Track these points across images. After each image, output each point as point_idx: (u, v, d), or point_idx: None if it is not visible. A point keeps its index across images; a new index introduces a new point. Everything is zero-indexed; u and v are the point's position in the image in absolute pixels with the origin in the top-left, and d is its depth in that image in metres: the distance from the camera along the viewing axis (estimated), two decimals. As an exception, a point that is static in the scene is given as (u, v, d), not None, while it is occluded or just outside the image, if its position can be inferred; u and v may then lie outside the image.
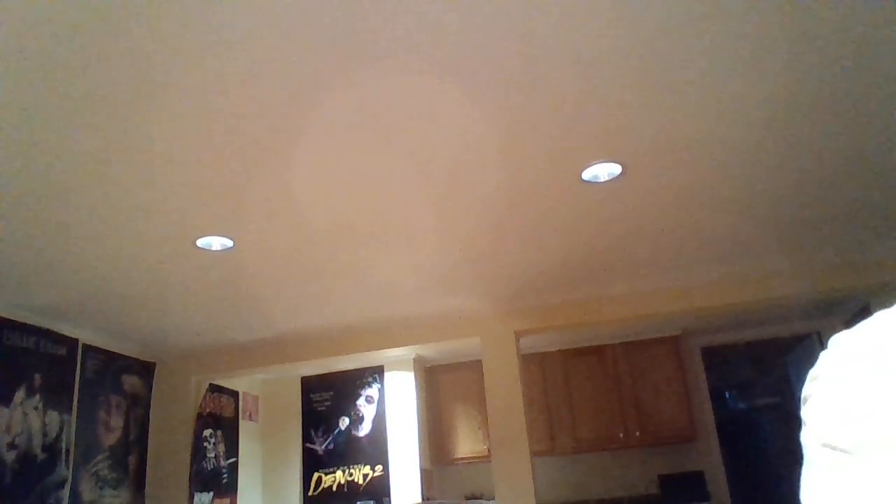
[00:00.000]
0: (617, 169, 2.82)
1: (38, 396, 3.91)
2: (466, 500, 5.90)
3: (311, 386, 6.08)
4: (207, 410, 5.30)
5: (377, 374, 5.90)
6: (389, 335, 5.02)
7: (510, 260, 3.81)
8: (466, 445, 5.90)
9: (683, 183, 3.01)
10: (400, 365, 5.85)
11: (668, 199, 3.17)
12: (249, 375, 5.68)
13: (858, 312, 5.35)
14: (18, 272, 3.33)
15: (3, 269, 3.28)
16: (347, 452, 5.81)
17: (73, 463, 4.12)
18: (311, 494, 5.80)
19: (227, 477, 5.46)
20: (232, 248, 3.27)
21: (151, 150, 2.37)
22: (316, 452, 5.90)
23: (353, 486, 5.71)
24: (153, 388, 5.05)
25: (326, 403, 5.99)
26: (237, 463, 5.63)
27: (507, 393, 4.67)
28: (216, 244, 3.22)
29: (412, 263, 3.74)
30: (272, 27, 1.83)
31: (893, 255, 4.32)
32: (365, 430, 5.82)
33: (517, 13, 1.86)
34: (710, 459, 5.77)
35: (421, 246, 3.50)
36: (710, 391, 5.98)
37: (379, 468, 5.68)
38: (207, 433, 5.26)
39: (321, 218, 3.06)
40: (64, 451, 4.06)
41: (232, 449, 5.59)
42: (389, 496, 5.57)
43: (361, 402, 5.90)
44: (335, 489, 5.74)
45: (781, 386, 7.08)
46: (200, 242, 3.18)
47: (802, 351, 6.31)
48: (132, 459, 4.73)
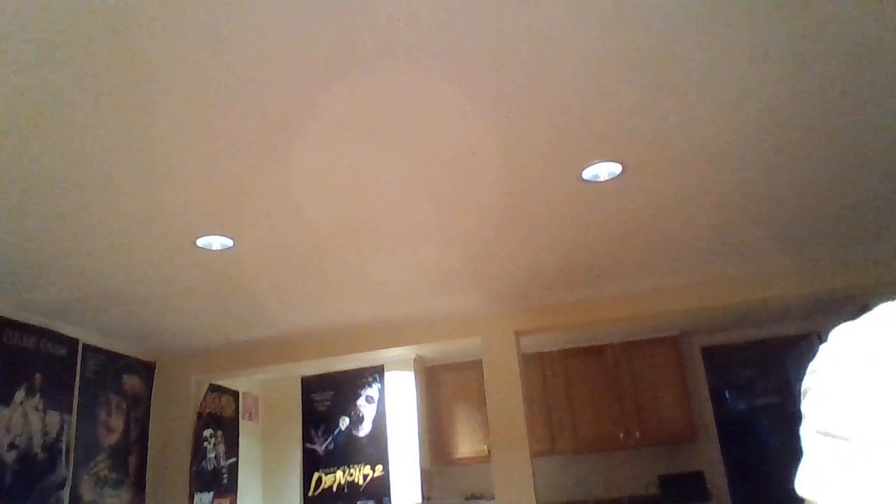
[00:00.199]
0: (617, 169, 2.82)
1: (38, 396, 3.91)
2: (466, 500, 5.90)
3: (311, 386, 6.08)
4: (207, 410, 5.30)
5: (377, 374, 5.90)
6: (389, 335, 5.02)
7: (510, 260, 3.81)
8: (466, 445, 5.90)
9: (683, 183, 3.01)
10: (400, 365, 5.85)
11: (668, 199, 3.17)
12: (249, 375, 5.68)
13: (858, 312, 5.32)
14: (18, 272, 3.33)
15: (3, 269, 3.28)
16: (347, 452, 5.81)
17: (73, 463, 4.12)
18: (311, 494, 5.80)
19: (227, 477, 5.46)
20: (232, 247, 3.28)
21: (151, 149, 2.37)
22: (316, 452, 5.90)
23: (353, 486, 5.71)
24: (153, 388, 5.05)
25: (326, 403, 5.99)
26: (237, 463, 5.63)
27: (507, 393, 4.67)
28: (216, 244, 3.22)
29: (412, 263, 3.74)
30: (272, 27, 1.84)
31: (893, 255, 4.32)
32: (365, 430, 5.82)
33: (518, 13, 1.86)
34: (710, 459, 5.77)
35: (421, 246, 3.50)
36: (710, 391, 5.97)
37: (379, 468, 5.68)
38: (207, 433, 5.26)
39: (321, 218, 3.06)
40: (64, 451, 4.06)
41: (232, 449, 5.60)
42: (389, 496, 5.57)
43: (361, 402, 5.90)
44: (335, 489, 5.74)
45: (781, 386, 7.08)
46: (200, 242, 3.18)
47: (802, 351, 6.31)
48: (132, 459, 4.73)
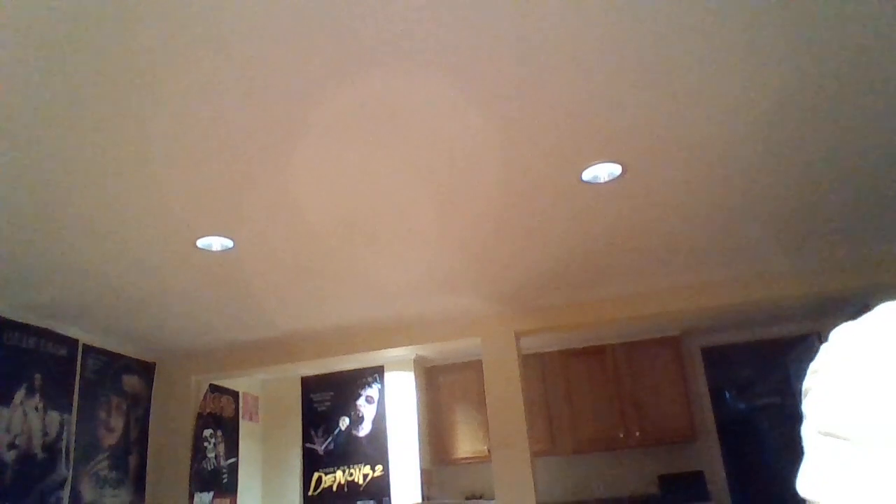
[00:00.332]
0: (617, 169, 2.82)
1: (38, 396, 3.91)
2: (466, 500, 5.90)
3: (311, 386, 6.08)
4: (207, 410, 5.30)
5: (377, 374, 5.90)
6: (389, 335, 5.02)
7: (510, 260, 3.81)
8: (466, 445, 5.90)
9: (683, 183, 3.01)
10: (400, 365, 5.85)
11: (668, 199, 3.17)
12: (249, 375, 5.68)
13: (858, 312, 5.32)
14: (18, 272, 3.33)
15: (3, 269, 3.28)
16: (347, 452, 5.81)
17: (73, 463, 4.12)
18: (311, 494, 5.80)
19: (227, 477, 5.46)
20: (232, 248, 3.27)
21: (151, 150, 2.37)
22: (316, 452, 5.90)
23: (353, 486, 5.71)
24: (153, 388, 5.06)
25: (326, 403, 5.99)
26: (237, 463, 5.63)
27: (507, 393, 4.67)
28: (216, 244, 3.22)
29: (412, 264, 3.74)
30: (272, 26, 1.84)
31: (893, 255, 4.32)
32: (365, 430, 5.82)
33: (517, 13, 1.86)
34: (709, 459, 5.77)
35: (421, 246, 3.50)
36: (710, 391, 5.97)
37: (379, 468, 5.68)
38: (207, 433, 5.26)
39: (321, 218, 3.06)
40: (64, 451, 4.06)
41: (232, 449, 5.59)
42: (389, 496, 5.57)
43: (361, 402, 5.90)
44: (335, 489, 5.74)
45: (782, 386, 7.07)
46: (200, 242, 3.18)
47: (802, 351, 6.31)
48: (132, 459, 4.73)
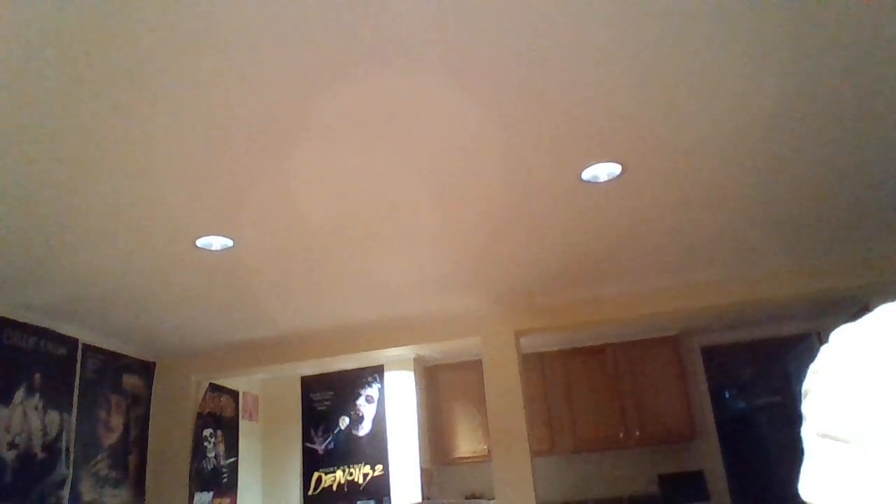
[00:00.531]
0: (617, 169, 2.82)
1: (38, 396, 3.91)
2: (466, 499, 5.90)
3: (311, 385, 6.08)
4: (207, 410, 5.30)
5: (377, 373, 5.90)
6: (389, 335, 5.02)
7: (510, 260, 3.81)
8: (466, 445, 5.90)
9: (683, 183, 3.01)
10: (400, 365, 5.85)
11: (668, 199, 3.17)
12: (249, 375, 5.69)
13: (858, 312, 5.34)
14: (18, 272, 3.33)
15: (3, 269, 3.28)
16: (347, 452, 5.81)
17: (73, 462, 4.12)
18: (311, 494, 5.80)
19: (227, 476, 5.46)
20: (232, 248, 3.27)
21: (151, 149, 2.37)
22: (316, 452, 5.90)
23: (353, 485, 5.71)
24: (153, 387, 5.06)
25: (326, 403, 5.99)
26: (237, 462, 5.63)
27: (507, 393, 4.67)
28: (216, 244, 3.22)
29: (412, 263, 3.74)
30: (272, 26, 1.83)
31: (893, 254, 4.32)
32: (365, 429, 5.82)
33: (518, 13, 1.86)
34: (710, 459, 5.77)
35: (421, 246, 3.50)
36: (709, 391, 5.97)
37: (379, 468, 5.68)
38: (207, 433, 5.26)
39: (321, 218, 3.06)
40: (64, 450, 4.06)
41: (232, 448, 5.60)
42: (389, 496, 5.57)
43: (361, 401, 5.90)
44: (335, 489, 5.74)
45: (781, 385, 7.08)
46: (200, 242, 3.18)
47: (802, 351, 6.31)
48: (132, 459, 4.73)
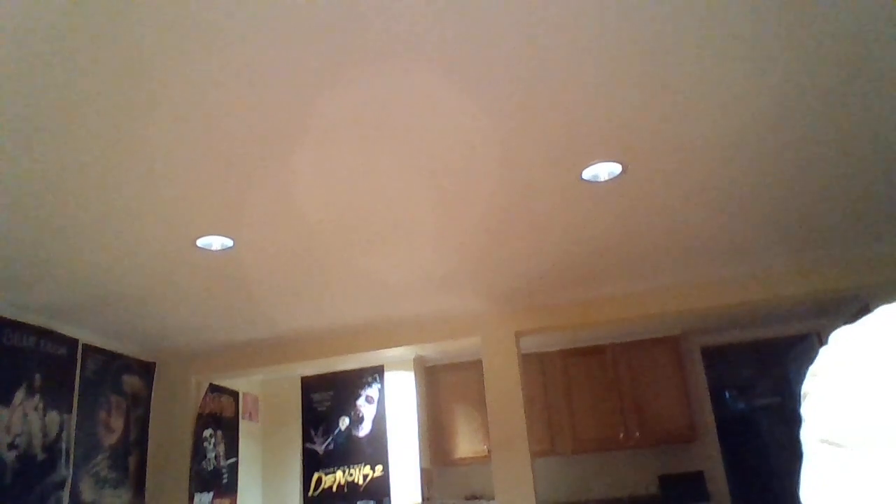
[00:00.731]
0: (617, 169, 2.82)
1: (38, 396, 3.91)
2: (466, 500, 5.90)
3: (311, 386, 6.08)
4: (207, 410, 5.30)
5: (377, 374, 5.89)
6: (389, 335, 5.02)
7: (510, 260, 3.81)
8: (466, 445, 5.90)
9: (683, 183, 3.01)
10: (400, 365, 5.85)
11: (668, 198, 3.17)
12: (249, 375, 5.68)
13: (858, 312, 5.34)
14: (18, 272, 3.33)
15: (3, 269, 3.28)
16: (347, 452, 5.80)
17: (73, 463, 4.12)
18: (311, 495, 5.80)
19: (227, 477, 5.46)
20: (232, 248, 3.27)
21: (151, 150, 2.37)
22: (316, 452, 5.89)
23: (353, 486, 5.70)
24: (153, 388, 5.05)
25: (326, 403, 5.99)
26: (237, 463, 5.63)
27: (507, 393, 4.67)
28: (216, 244, 3.22)
29: (412, 263, 3.74)
30: (271, 26, 1.84)
31: (893, 254, 4.32)
32: (365, 430, 5.81)
33: (518, 13, 1.86)
34: (710, 460, 5.77)
35: (421, 246, 3.50)
36: (710, 391, 5.97)
37: (379, 468, 5.68)
38: (207, 433, 5.26)
39: (321, 217, 3.06)
40: (64, 451, 4.06)
41: (232, 449, 5.59)
42: (389, 496, 5.57)
43: (361, 402, 5.89)
44: (335, 489, 5.74)
45: (781, 386, 7.08)
46: (200, 242, 3.18)
47: (802, 351, 6.31)
48: (132, 459, 4.73)
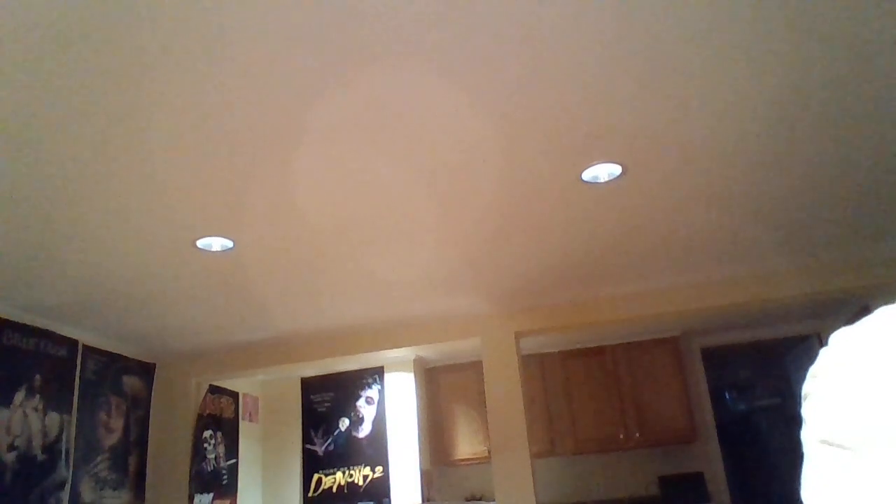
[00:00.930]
0: (617, 169, 2.82)
1: (38, 397, 3.91)
2: (467, 501, 5.90)
3: (311, 387, 6.08)
4: (207, 411, 5.29)
5: (377, 374, 5.89)
6: (389, 335, 5.02)
7: (510, 260, 3.81)
8: (466, 446, 5.89)
9: (683, 183, 3.01)
10: (400, 366, 5.85)
11: (668, 199, 3.17)
12: (249, 376, 5.68)
13: (858, 313, 5.34)
14: (18, 272, 3.33)
15: (3, 269, 3.28)
16: (347, 453, 5.80)
17: (73, 464, 4.12)
18: (311, 495, 5.79)
19: (227, 478, 5.46)
20: (232, 248, 3.27)
21: (151, 150, 2.37)
22: (316, 453, 5.89)
23: (353, 487, 5.70)
24: (153, 389, 5.05)
25: (326, 404, 5.99)
26: (237, 464, 5.63)
27: (507, 394, 4.66)
28: (216, 244, 3.22)
29: (412, 263, 3.74)
30: (271, 27, 1.84)
31: (893, 255, 4.32)
32: (365, 431, 5.81)
33: (518, 13, 1.86)
34: (710, 460, 5.77)
35: (421, 246, 3.50)
36: (710, 392, 5.97)
37: (379, 469, 5.67)
38: (207, 434, 5.26)
39: (321, 218, 3.06)
40: (64, 451, 4.06)
41: (232, 450, 5.59)
42: (389, 497, 5.57)
43: (361, 403, 5.89)
44: (335, 490, 5.73)
45: (781, 387, 7.08)
46: (200, 242, 3.18)
47: (802, 351, 6.31)
48: (132, 460, 4.73)
